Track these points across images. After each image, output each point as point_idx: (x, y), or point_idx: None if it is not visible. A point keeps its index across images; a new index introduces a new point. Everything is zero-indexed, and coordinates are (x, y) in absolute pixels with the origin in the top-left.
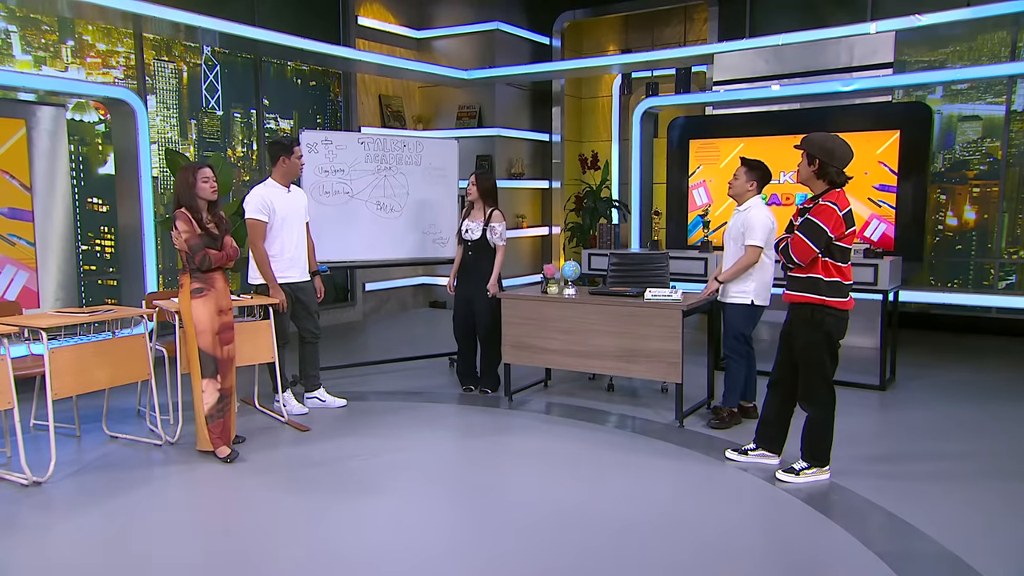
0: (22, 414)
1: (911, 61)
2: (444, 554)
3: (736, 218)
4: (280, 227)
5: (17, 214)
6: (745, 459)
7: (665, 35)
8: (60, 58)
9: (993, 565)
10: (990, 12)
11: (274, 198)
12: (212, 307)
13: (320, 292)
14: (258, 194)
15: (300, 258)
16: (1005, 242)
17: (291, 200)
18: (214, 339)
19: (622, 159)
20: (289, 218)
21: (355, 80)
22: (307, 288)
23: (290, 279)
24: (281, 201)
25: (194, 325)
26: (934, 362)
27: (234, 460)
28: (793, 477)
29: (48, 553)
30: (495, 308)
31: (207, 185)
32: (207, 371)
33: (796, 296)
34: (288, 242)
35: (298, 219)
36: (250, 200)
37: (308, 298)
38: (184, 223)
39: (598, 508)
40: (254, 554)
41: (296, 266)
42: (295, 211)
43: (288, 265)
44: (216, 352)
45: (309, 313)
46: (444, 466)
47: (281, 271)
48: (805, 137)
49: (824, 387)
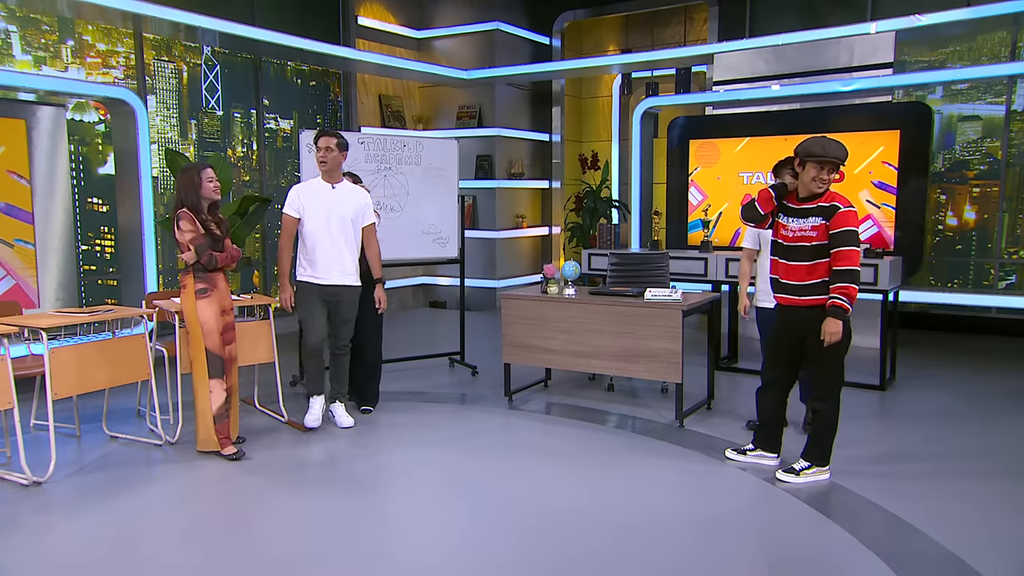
0: (22, 414)
1: (911, 61)
2: (444, 553)
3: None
4: (313, 224)
5: (17, 214)
6: (744, 459)
7: (665, 35)
8: (60, 58)
9: (993, 565)
10: (990, 12)
11: (308, 194)
12: (216, 307)
13: (379, 302)
14: (293, 190)
15: (338, 259)
16: (1005, 242)
17: (332, 198)
18: (219, 339)
19: (622, 159)
20: (324, 216)
21: (355, 80)
22: (342, 294)
23: (319, 280)
24: (316, 198)
25: (200, 325)
26: (934, 362)
27: (240, 459)
28: (793, 477)
29: (48, 553)
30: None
31: (212, 185)
32: (215, 371)
33: (820, 300)
34: (320, 240)
35: (338, 218)
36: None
37: (341, 305)
38: (188, 223)
39: (598, 508)
40: (254, 554)
41: (330, 267)
42: (335, 209)
43: (317, 265)
44: (221, 352)
45: (341, 322)
46: (444, 466)
47: (309, 270)
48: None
49: (840, 385)
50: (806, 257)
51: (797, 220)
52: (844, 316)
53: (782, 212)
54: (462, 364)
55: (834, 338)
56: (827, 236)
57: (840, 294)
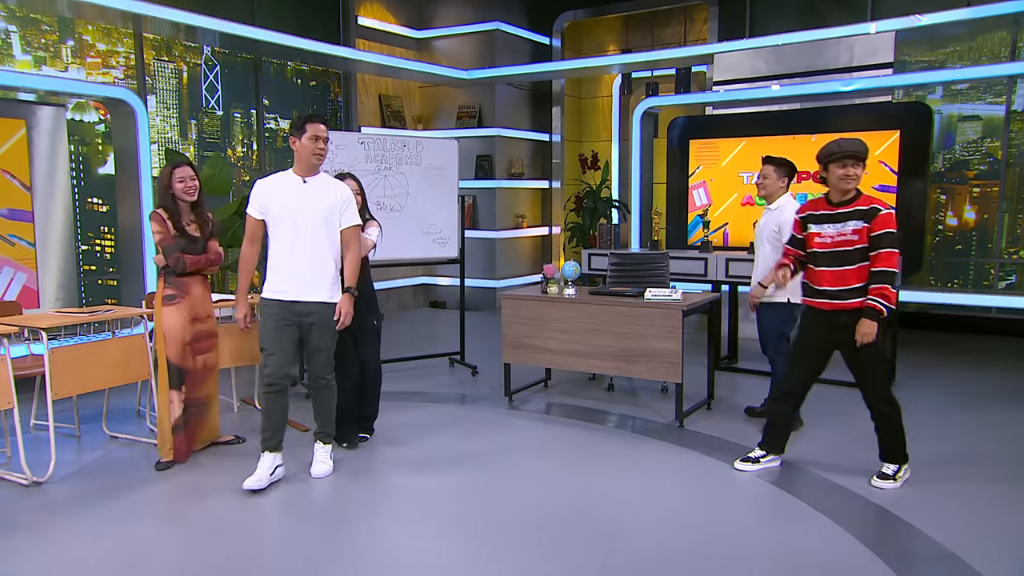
0: (22, 414)
1: (911, 61)
2: (443, 553)
3: (768, 217)
4: (278, 226)
5: (17, 214)
6: (757, 467)
7: (665, 35)
8: (60, 58)
9: (993, 565)
10: (990, 12)
11: (274, 190)
12: (184, 316)
13: (338, 313)
14: (256, 185)
15: (305, 269)
16: (1005, 242)
17: (303, 194)
18: (184, 349)
19: (622, 159)
20: (290, 216)
21: (355, 80)
22: (312, 313)
23: (280, 295)
24: (283, 194)
25: (163, 333)
26: (934, 362)
27: (163, 470)
28: (891, 483)
29: (48, 553)
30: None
31: (182, 185)
32: (173, 382)
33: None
34: (283, 246)
35: (308, 218)
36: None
37: (311, 328)
38: (157, 224)
39: (598, 508)
40: (254, 554)
41: (294, 279)
42: (306, 208)
43: (280, 276)
44: (185, 363)
45: (312, 349)
46: (444, 466)
47: (271, 283)
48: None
49: (888, 383)
50: (848, 262)
51: (833, 225)
52: (880, 318)
53: (811, 222)
54: (462, 364)
55: (868, 339)
56: (869, 239)
57: (879, 295)
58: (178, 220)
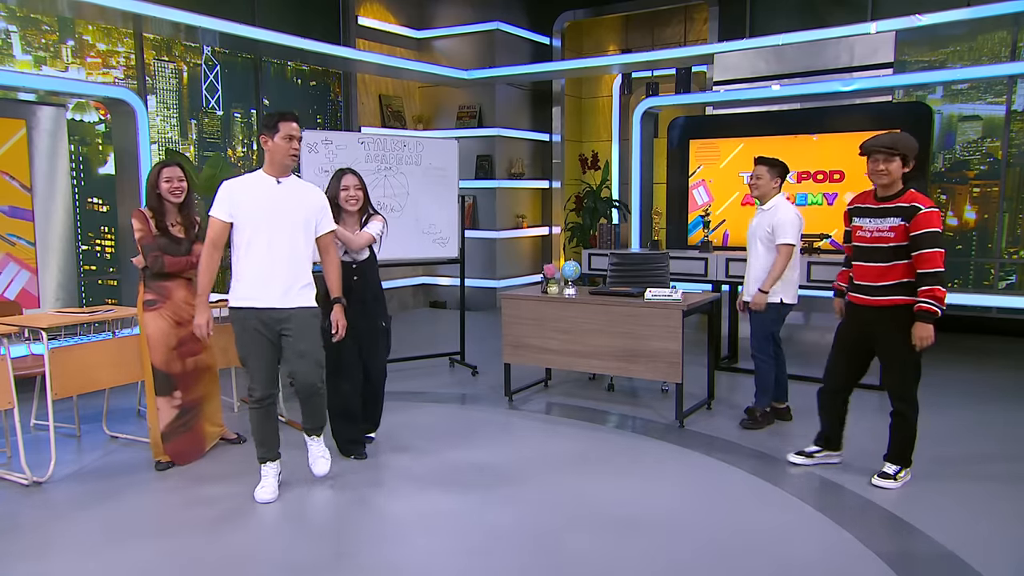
0: (22, 414)
1: (911, 61)
2: (443, 553)
3: (761, 217)
4: (249, 230)
5: (18, 212)
6: (812, 461)
7: (665, 35)
8: (60, 58)
9: (993, 565)
10: (990, 12)
11: (244, 191)
12: (166, 321)
13: (335, 327)
14: (224, 186)
15: (281, 273)
16: (1005, 242)
17: (276, 195)
18: (169, 354)
19: (622, 159)
20: (264, 218)
21: (355, 80)
22: (290, 319)
23: (254, 302)
24: (254, 195)
25: (146, 339)
26: (934, 362)
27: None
28: (891, 482)
29: (48, 553)
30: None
31: (167, 186)
32: (160, 388)
33: (894, 300)
34: (256, 249)
35: (283, 221)
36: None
37: (292, 334)
38: (139, 221)
39: (598, 508)
40: (254, 554)
41: (269, 285)
42: (280, 210)
43: (253, 283)
44: (172, 368)
45: (297, 355)
46: (444, 466)
47: (241, 291)
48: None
49: (916, 385)
50: (882, 258)
51: (874, 220)
52: (934, 320)
53: (855, 215)
54: (462, 364)
55: (926, 343)
56: (906, 237)
57: (928, 297)
58: (162, 220)
